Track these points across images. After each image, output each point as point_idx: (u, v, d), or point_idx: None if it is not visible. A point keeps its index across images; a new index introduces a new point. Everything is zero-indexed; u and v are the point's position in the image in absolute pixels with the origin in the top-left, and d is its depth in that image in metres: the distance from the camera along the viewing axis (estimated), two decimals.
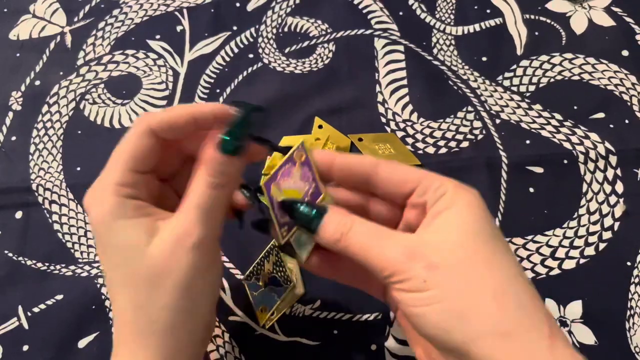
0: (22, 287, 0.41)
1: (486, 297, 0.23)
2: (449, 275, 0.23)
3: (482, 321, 0.22)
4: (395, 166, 0.27)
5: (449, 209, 0.25)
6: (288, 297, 0.39)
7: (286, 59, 0.48)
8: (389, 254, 0.24)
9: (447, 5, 0.50)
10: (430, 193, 0.26)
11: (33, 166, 0.45)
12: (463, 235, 0.24)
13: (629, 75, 0.46)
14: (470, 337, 0.22)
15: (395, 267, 0.24)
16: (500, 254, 0.24)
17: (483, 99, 0.46)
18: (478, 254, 0.24)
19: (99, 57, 0.49)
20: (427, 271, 0.23)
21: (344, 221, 0.26)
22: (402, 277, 0.24)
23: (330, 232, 0.26)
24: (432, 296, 0.23)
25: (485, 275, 0.23)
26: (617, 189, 0.42)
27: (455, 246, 0.24)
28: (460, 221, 0.24)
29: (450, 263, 0.23)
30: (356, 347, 0.38)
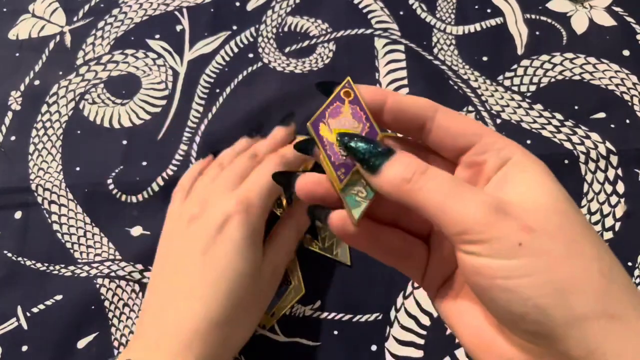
0: (21, 287, 0.40)
1: (594, 272, 0.19)
2: (548, 242, 0.19)
3: (589, 300, 0.19)
4: (455, 114, 0.24)
5: (524, 173, 0.22)
6: (288, 297, 0.39)
7: (286, 59, 0.48)
8: (472, 208, 0.20)
9: (448, 4, 0.50)
10: (492, 153, 0.23)
11: (32, 166, 0.44)
12: (553, 199, 0.21)
13: (630, 75, 0.46)
14: (574, 317, 0.19)
15: (477, 222, 0.19)
16: (593, 228, 0.21)
17: (484, 99, 0.46)
18: (574, 222, 0.20)
19: (98, 57, 0.49)
20: (522, 233, 0.19)
21: (417, 162, 0.22)
22: (486, 236, 0.19)
23: (399, 170, 0.21)
24: (528, 265, 0.19)
25: (587, 246, 0.20)
26: (618, 189, 0.42)
27: (549, 210, 0.20)
28: (545, 186, 0.21)
29: (548, 228, 0.20)
30: (356, 347, 0.38)
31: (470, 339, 0.23)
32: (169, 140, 0.45)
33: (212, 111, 0.46)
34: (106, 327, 0.39)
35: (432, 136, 0.24)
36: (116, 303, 0.40)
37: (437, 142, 0.24)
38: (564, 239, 0.20)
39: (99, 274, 0.41)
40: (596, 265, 0.19)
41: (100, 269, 0.41)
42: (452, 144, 0.24)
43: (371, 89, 0.25)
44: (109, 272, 0.41)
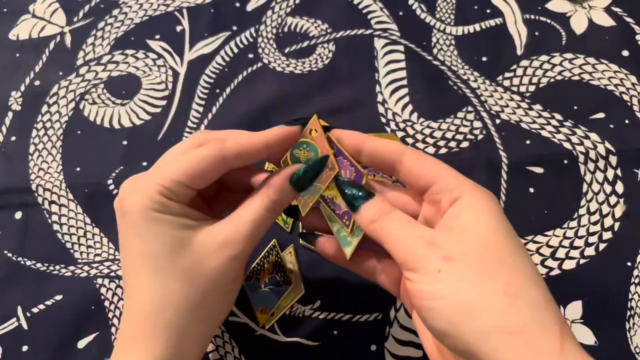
0: (21, 287, 0.41)
1: (498, 293, 0.22)
2: (462, 269, 0.23)
3: (492, 317, 0.22)
4: (418, 158, 0.28)
5: (466, 211, 0.25)
6: (288, 297, 0.39)
7: (286, 59, 0.48)
8: (411, 242, 0.25)
9: (447, 5, 0.50)
10: (446, 193, 0.26)
11: (33, 166, 0.45)
12: (480, 234, 0.24)
13: (629, 75, 0.46)
14: (480, 333, 0.22)
15: (413, 255, 0.24)
16: (515, 254, 0.24)
17: (483, 99, 0.46)
18: (493, 252, 0.24)
19: (98, 57, 0.49)
20: (442, 262, 0.24)
21: (386, 207, 0.27)
22: (417, 265, 0.24)
23: (371, 212, 0.27)
24: (444, 289, 0.23)
25: (499, 272, 0.23)
26: (617, 189, 0.42)
27: (471, 243, 0.24)
28: (477, 221, 0.25)
29: (465, 258, 0.24)
30: (356, 347, 0.38)
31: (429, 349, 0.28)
32: (169, 140, 0.45)
33: (212, 111, 0.46)
34: (106, 327, 0.39)
35: (401, 176, 0.29)
36: (116, 303, 0.40)
37: (405, 181, 0.29)
38: (479, 266, 0.23)
39: (99, 274, 0.41)
40: (502, 288, 0.23)
41: (100, 269, 0.41)
42: (415, 184, 0.28)
43: (350, 135, 0.29)
44: (109, 272, 0.41)
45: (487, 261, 0.24)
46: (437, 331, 0.24)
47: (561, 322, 0.23)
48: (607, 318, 0.38)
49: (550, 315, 0.23)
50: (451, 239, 0.25)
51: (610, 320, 0.38)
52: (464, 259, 0.24)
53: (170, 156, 0.29)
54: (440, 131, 0.45)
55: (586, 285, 0.39)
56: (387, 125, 0.45)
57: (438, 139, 0.44)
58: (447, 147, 0.44)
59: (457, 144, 0.44)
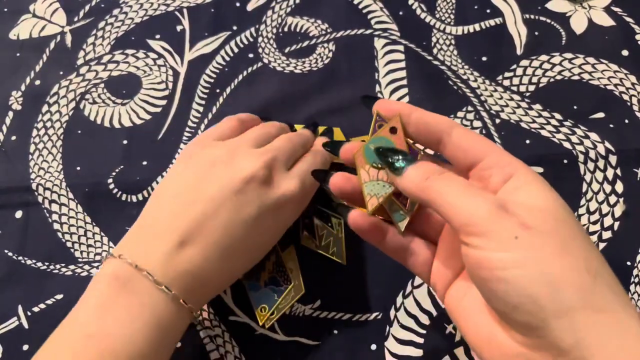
0: (22, 286, 0.41)
1: (581, 269, 0.21)
2: (542, 239, 0.22)
3: (577, 293, 0.21)
4: (468, 132, 0.27)
5: (525, 187, 0.24)
6: (288, 297, 0.39)
7: (286, 59, 0.48)
8: (478, 206, 0.23)
9: (447, 5, 0.50)
10: (497, 169, 0.25)
11: (33, 166, 0.45)
12: (552, 207, 0.23)
13: (628, 75, 0.46)
14: (564, 308, 0.20)
15: (482, 218, 0.22)
16: (584, 233, 0.23)
17: (483, 99, 0.46)
18: (568, 226, 0.23)
19: (99, 57, 0.49)
20: (519, 229, 0.22)
21: (434, 167, 0.25)
22: (487, 229, 0.22)
23: (418, 174, 0.25)
24: (522, 258, 0.21)
25: (577, 248, 0.22)
26: (617, 189, 0.42)
27: (546, 213, 0.23)
28: (542, 197, 0.24)
29: (543, 227, 0.22)
30: (356, 347, 0.38)
31: (473, 333, 0.25)
32: (170, 140, 0.45)
33: (212, 111, 0.46)
34: None
35: (447, 150, 0.27)
36: None
37: (451, 156, 0.27)
38: (557, 239, 0.22)
39: None
40: (584, 264, 0.21)
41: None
42: (462, 159, 0.27)
43: (401, 105, 0.29)
44: None
45: (564, 235, 0.22)
46: (508, 305, 0.22)
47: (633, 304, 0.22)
48: None
49: (626, 296, 0.22)
50: (524, 206, 0.23)
51: None
52: (542, 229, 0.22)
53: None
54: None
55: None
56: None
57: None
58: None
59: None
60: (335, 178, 0.30)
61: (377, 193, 0.28)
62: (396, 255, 0.30)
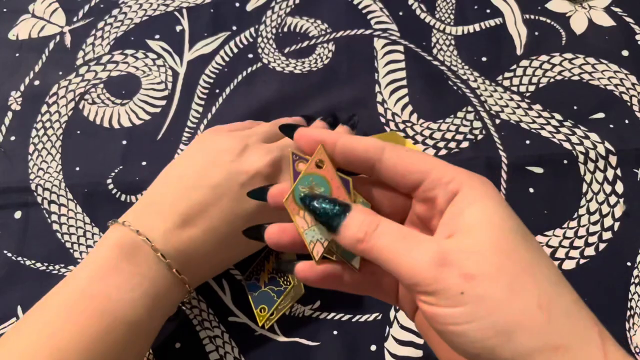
0: (21, 287, 0.40)
1: (532, 308, 0.20)
2: (487, 287, 0.21)
3: (531, 336, 0.20)
4: (400, 153, 0.24)
5: (470, 207, 0.22)
6: (288, 297, 0.39)
7: (286, 59, 0.48)
8: (418, 259, 0.21)
9: (447, 5, 0.50)
10: (441, 188, 0.23)
11: (32, 166, 0.45)
12: (496, 237, 0.22)
13: (629, 75, 0.46)
14: (520, 354, 0.20)
15: (424, 275, 0.21)
16: (537, 256, 0.22)
17: (483, 99, 0.46)
18: (516, 260, 0.21)
19: (98, 57, 0.49)
20: (463, 282, 0.21)
21: (369, 220, 0.23)
22: (433, 289, 0.21)
23: (353, 231, 0.23)
24: (471, 312, 0.20)
25: (526, 283, 0.21)
26: (617, 189, 0.42)
27: (490, 251, 0.21)
28: (488, 220, 0.22)
29: (487, 272, 0.21)
30: (356, 347, 0.38)
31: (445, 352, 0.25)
32: (169, 140, 0.45)
33: (212, 111, 0.46)
34: None
35: (382, 176, 0.25)
36: None
37: (389, 180, 0.25)
38: (503, 280, 0.21)
39: None
40: (535, 301, 0.20)
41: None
42: (402, 182, 0.25)
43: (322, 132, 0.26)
44: None
45: (511, 272, 0.21)
46: (467, 354, 0.21)
47: (598, 325, 0.21)
48: (607, 318, 0.38)
49: (586, 321, 0.21)
50: (464, 250, 0.21)
51: (610, 320, 0.38)
52: (487, 274, 0.21)
53: None
54: (440, 132, 0.45)
55: (586, 285, 0.39)
56: (386, 125, 0.45)
57: (438, 140, 0.44)
58: (446, 148, 0.44)
59: (457, 144, 0.44)
60: (269, 231, 0.27)
61: (319, 238, 0.25)
62: (359, 290, 0.28)
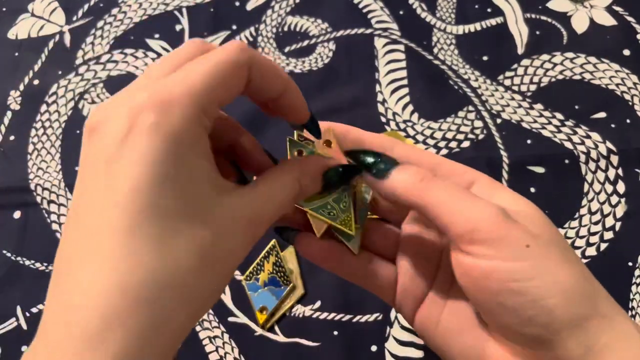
0: (20, 287, 0.40)
1: (583, 277, 0.21)
2: (548, 247, 0.20)
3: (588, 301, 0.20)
4: (411, 147, 0.25)
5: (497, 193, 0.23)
6: (288, 297, 0.39)
7: (286, 58, 0.48)
8: (483, 212, 0.21)
9: (448, 4, 0.50)
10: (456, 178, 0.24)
11: (31, 166, 0.44)
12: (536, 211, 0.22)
13: (630, 74, 0.46)
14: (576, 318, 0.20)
15: (490, 227, 0.20)
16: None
17: (484, 99, 0.46)
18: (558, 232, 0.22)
19: (97, 57, 0.49)
20: (529, 237, 0.20)
21: (424, 169, 0.23)
22: (497, 236, 0.20)
23: (409, 175, 0.22)
24: (536, 267, 0.20)
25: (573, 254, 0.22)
26: (619, 189, 0.42)
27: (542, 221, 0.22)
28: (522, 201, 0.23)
29: (545, 235, 0.21)
30: (356, 348, 0.38)
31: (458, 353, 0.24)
32: None
33: None
34: None
35: None
36: None
37: None
38: (558, 247, 0.21)
39: None
40: (582, 273, 0.21)
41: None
42: None
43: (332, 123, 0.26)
44: None
45: (560, 242, 0.21)
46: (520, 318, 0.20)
47: None
48: None
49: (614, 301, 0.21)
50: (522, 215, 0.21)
51: None
52: (545, 237, 0.21)
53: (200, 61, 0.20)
54: (441, 131, 0.44)
55: None
56: (387, 125, 0.45)
57: (439, 140, 0.44)
58: (447, 148, 0.44)
59: (457, 144, 0.44)
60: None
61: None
62: (355, 279, 0.27)
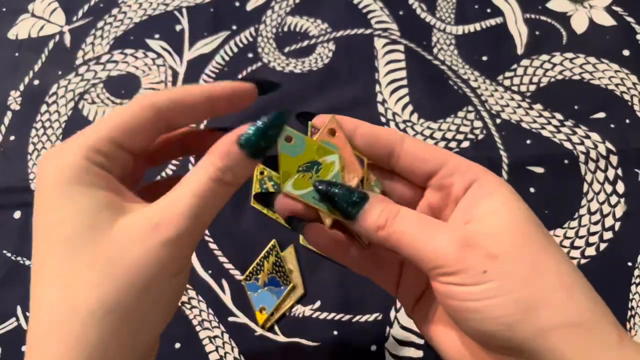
0: (20, 287, 0.40)
1: (554, 286, 0.21)
2: (511, 265, 0.21)
3: (552, 312, 0.20)
4: (421, 142, 0.25)
5: (488, 195, 0.23)
6: (287, 297, 0.39)
7: (286, 59, 0.48)
8: (440, 244, 0.22)
9: (448, 4, 0.50)
10: (458, 176, 0.24)
11: (32, 166, 0.44)
12: (515, 222, 0.22)
13: (629, 74, 0.46)
14: (540, 330, 0.20)
15: (447, 258, 0.21)
16: (553, 242, 0.22)
17: (483, 99, 0.46)
18: (537, 241, 0.22)
19: (97, 57, 0.49)
20: (487, 261, 0.21)
21: (389, 207, 0.23)
22: (455, 269, 0.21)
23: (373, 218, 0.23)
24: (494, 288, 0.21)
25: (549, 262, 0.21)
26: (618, 189, 0.42)
27: (512, 234, 0.22)
28: (506, 208, 0.23)
29: (510, 252, 0.21)
30: (356, 347, 0.38)
31: (452, 354, 0.25)
32: None
33: None
34: None
35: (401, 162, 0.25)
36: None
37: (406, 167, 0.26)
38: (526, 260, 0.21)
39: None
40: (557, 280, 0.21)
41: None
42: (420, 169, 0.25)
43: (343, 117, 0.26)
44: None
45: (533, 252, 0.22)
46: (482, 333, 0.21)
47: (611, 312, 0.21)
48: None
49: (602, 304, 0.21)
50: (486, 233, 0.22)
51: None
52: (510, 254, 0.21)
53: (99, 120, 0.24)
54: (441, 131, 0.45)
55: None
56: (387, 125, 0.45)
57: (438, 140, 0.44)
58: (447, 148, 0.44)
59: (457, 144, 0.44)
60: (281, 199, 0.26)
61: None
62: (362, 269, 0.28)
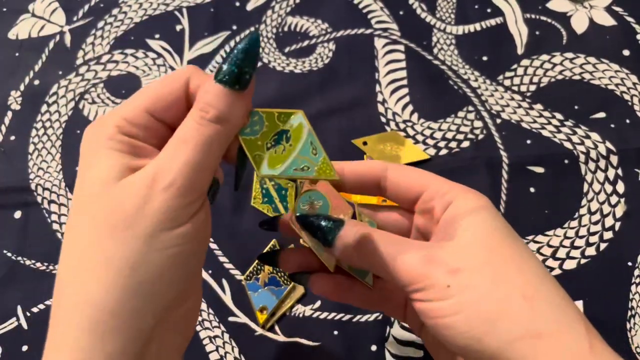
0: (21, 287, 0.40)
1: (516, 297, 0.21)
2: (473, 278, 0.22)
3: (515, 324, 0.21)
4: (403, 170, 0.27)
5: (462, 215, 0.24)
6: (288, 297, 0.39)
7: (286, 59, 0.48)
8: (408, 262, 0.23)
9: (448, 4, 0.50)
10: (437, 199, 0.25)
11: (32, 166, 0.44)
12: (483, 237, 0.23)
13: (629, 74, 0.46)
14: (505, 342, 0.21)
15: (413, 275, 0.23)
16: (522, 252, 0.23)
17: (484, 99, 0.46)
18: (501, 254, 0.23)
19: (98, 57, 0.49)
20: (449, 276, 0.22)
21: (362, 230, 0.25)
22: (422, 285, 0.22)
23: (348, 242, 0.25)
24: (457, 303, 0.22)
25: (511, 275, 0.22)
26: (618, 189, 0.42)
27: (476, 248, 0.23)
28: (477, 224, 0.24)
29: (472, 265, 0.22)
30: (356, 347, 0.38)
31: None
32: None
33: None
34: None
35: (388, 192, 0.27)
36: None
37: (393, 196, 0.28)
38: (488, 272, 0.22)
39: None
40: (520, 291, 0.22)
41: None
42: (404, 195, 0.27)
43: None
44: None
45: (496, 265, 0.22)
46: (458, 347, 0.22)
47: (585, 321, 0.22)
48: (607, 318, 0.38)
49: (572, 313, 0.22)
50: (452, 249, 0.23)
51: (611, 320, 0.38)
52: (472, 267, 0.22)
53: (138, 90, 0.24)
54: (441, 131, 0.45)
55: (587, 285, 0.39)
56: (387, 125, 0.45)
57: (439, 140, 0.44)
58: (447, 148, 0.44)
59: (457, 144, 0.44)
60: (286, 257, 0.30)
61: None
62: (371, 305, 0.30)
